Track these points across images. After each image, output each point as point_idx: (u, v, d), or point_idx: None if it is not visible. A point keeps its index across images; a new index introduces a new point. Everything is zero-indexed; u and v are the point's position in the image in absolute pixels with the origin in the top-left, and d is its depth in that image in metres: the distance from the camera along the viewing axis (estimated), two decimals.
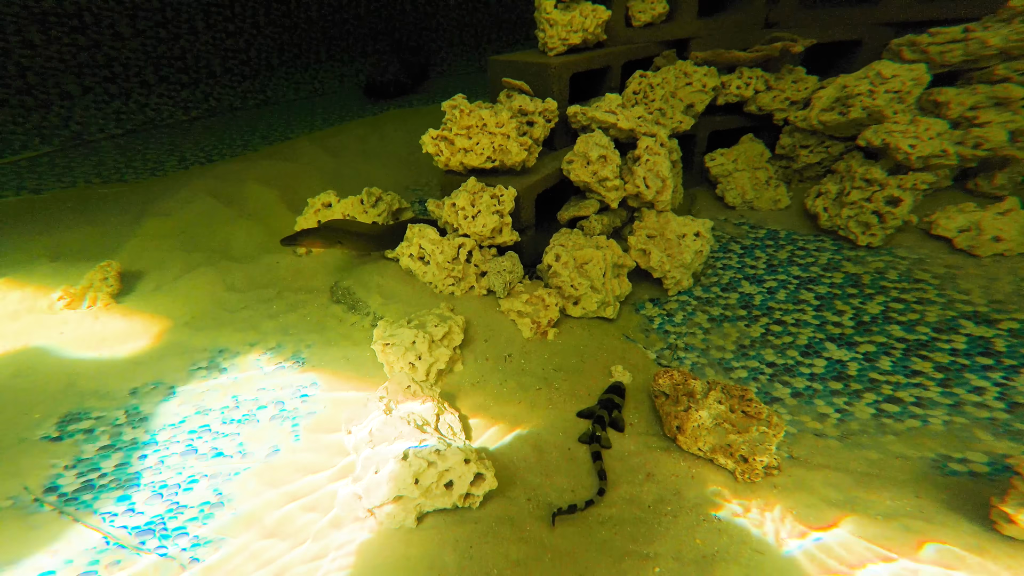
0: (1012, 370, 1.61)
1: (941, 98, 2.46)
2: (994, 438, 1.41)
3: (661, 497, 1.28)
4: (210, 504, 1.33)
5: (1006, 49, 2.39)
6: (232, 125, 5.12)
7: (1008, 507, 1.10)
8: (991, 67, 2.47)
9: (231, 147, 4.41)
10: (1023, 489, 1.10)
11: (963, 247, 2.20)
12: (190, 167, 3.96)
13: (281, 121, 5.17)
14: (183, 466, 1.46)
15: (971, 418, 1.48)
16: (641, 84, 2.63)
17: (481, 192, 2.04)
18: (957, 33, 2.47)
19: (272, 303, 2.23)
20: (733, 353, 1.80)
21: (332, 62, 6.38)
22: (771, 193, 2.75)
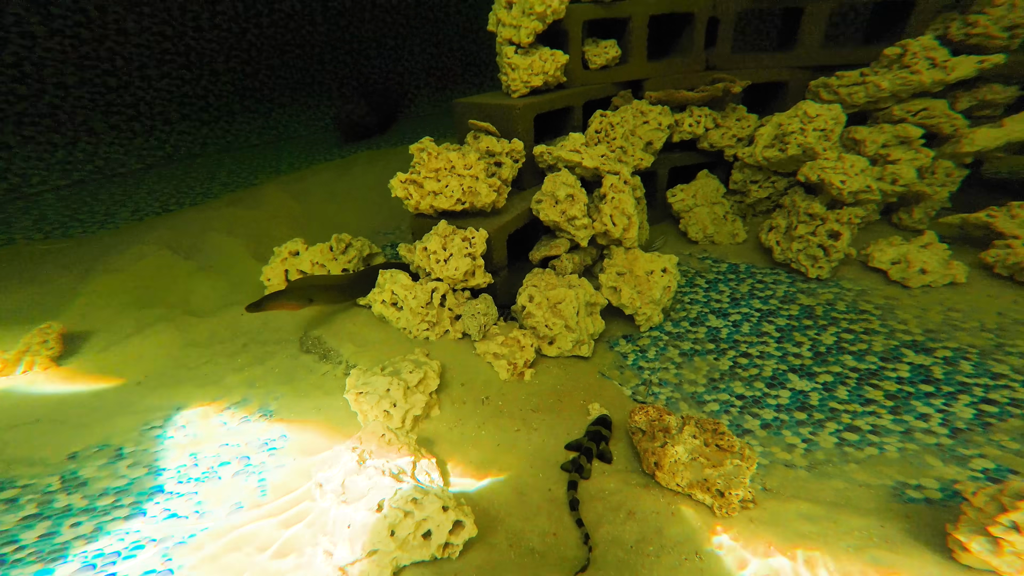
0: (951, 396, 1.73)
1: (858, 136, 2.70)
2: (943, 463, 1.49)
3: (643, 536, 1.30)
4: (156, 572, 1.26)
5: (895, 92, 2.68)
6: (191, 172, 5.06)
7: (961, 535, 1.14)
8: (889, 108, 2.75)
9: (190, 196, 4.34)
10: (972, 516, 1.16)
11: (897, 279, 2.37)
12: (144, 218, 3.86)
13: (244, 167, 5.15)
14: (126, 531, 1.38)
15: (921, 444, 1.56)
16: (602, 123, 2.79)
17: (452, 235, 2.09)
18: (856, 77, 2.75)
19: (237, 356, 2.18)
20: (704, 386, 1.87)
21: (297, 106, 6.47)
22: (729, 227, 2.91)
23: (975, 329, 2.04)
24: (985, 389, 1.74)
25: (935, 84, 2.61)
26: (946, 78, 2.58)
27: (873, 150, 2.66)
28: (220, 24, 5.52)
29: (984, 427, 1.60)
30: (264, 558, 1.28)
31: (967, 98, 2.80)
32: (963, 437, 1.57)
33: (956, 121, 2.64)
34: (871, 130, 2.68)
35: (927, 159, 2.60)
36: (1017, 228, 2.36)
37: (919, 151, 2.61)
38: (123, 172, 5.14)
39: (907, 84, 2.63)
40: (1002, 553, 1.08)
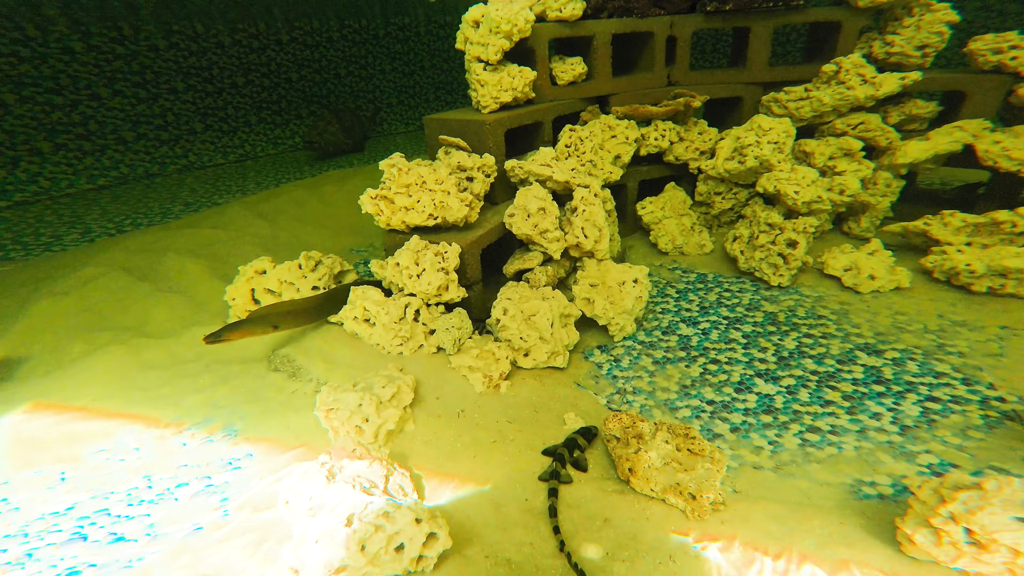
0: (900, 395, 1.84)
1: (808, 148, 2.89)
2: (893, 460, 1.58)
3: (619, 543, 1.32)
4: None
5: (836, 106, 2.89)
6: (148, 193, 4.94)
7: (907, 528, 1.20)
8: (832, 122, 2.96)
9: (147, 216, 4.23)
10: (917, 509, 1.22)
11: (849, 285, 2.51)
12: (96, 240, 3.74)
13: (207, 187, 5.07)
14: (60, 557, 1.32)
15: (874, 442, 1.65)
16: (571, 138, 2.89)
17: (425, 250, 2.12)
18: (801, 92, 2.96)
19: (199, 377, 2.13)
20: (676, 393, 1.93)
21: (263, 125, 6.43)
22: (696, 238, 3.04)
23: (919, 331, 2.17)
24: (929, 387, 1.86)
25: (868, 99, 2.82)
26: (875, 93, 2.80)
27: (821, 162, 2.84)
28: (178, 44, 5.47)
29: (929, 424, 1.70)
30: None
31: (896, 112, 3.03)
32: (911, 434, 1.67)
33: (890, 134, 2.85)
34: (819, 143, 2.87)
35: (868, 170, 2.79)
36: (950, 235, 2.54)
37: (861, 163, 2.80)
38: (71, 193, 4.98)
39: (844, 99, 2.84)
40: (941, 543, 1.14)
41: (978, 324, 2.18)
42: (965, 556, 1.13)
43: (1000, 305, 2.30)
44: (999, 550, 1.09)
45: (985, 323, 2.18)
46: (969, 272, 2.34)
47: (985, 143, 2.62)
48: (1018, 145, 2.55)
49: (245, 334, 2.04)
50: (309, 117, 6.75)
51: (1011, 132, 2.63)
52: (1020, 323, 2.16)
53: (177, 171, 5.74)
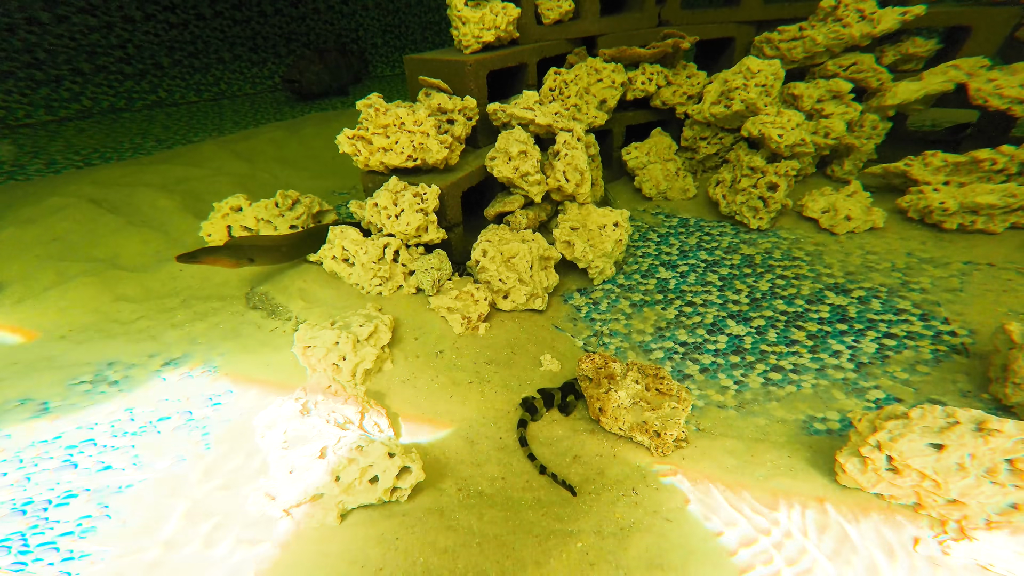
0: (860, 333, 1.84)
1: (796, 91, 2.75)
2: (845, 396, 1.59)
3: (586, 477, 1.34)
4: (91, 517, 1.23)
5: (830, 46, 2.73)
6: (116, 128, 4.64)
7: (841, 458, 1.23)
8: (823, 63, 2.81)
9: (116, 151, 3.98)
10: (855, 440, 1.24)
11: (826, 226, 2.47)
12: (61, 171, 3.52)
13: (181, 124, 4.76)
14: (56, 482, 1.33)
15: (831, 380, 1.66)
16: (556, 81, 2.72)
17: (403, 191, 2.02)
18: (795, 31, 2.78)
19: (175, 312, 2.07)
20: (651, 335, 1.92)
21: (239, 63, 5.96)
22: (681, 183, 2.95)
23: (887, 269, 2.16)
24: (888, 324, 1.86)
25: (863, 37, 2.67)
26: (872, 31, 2.64)
27: (809, 105, 2.72)
28: None
29: (883, 360, 1.71)
30: (207, 505, 1.25)
31: (892, 52, 2.88)
32: (865, 371, 1.68)
33: (882, 75, 2.72)
34: (807, 86, 2.74)
35: (856, 113, 2.68)
36: (930, 175, 2.49)
37: (849, 105, 2.69)
38: (31, 123, 4.65)
39: (839, 38, 2.68)
40: (866, 471, 1.18)
41: (944, 261, 2.17)
42: (883, 482, 1.17)
43: (968, 242, 2.28)
44: (911, 475, 1.12)
45: (951, 260, 2.17)
46: (942, 210, 2.30)
47: (978, 81, 2.51)
48: (1012, 83, 2.45)
49: (220, 261, 1.96)
50: (289, 56, 6.27)
51: (1008, 70, 2.51)
52: (983, 258, 2.15)
53: (146, 107, 5.36)
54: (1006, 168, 2.39)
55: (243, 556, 1.13)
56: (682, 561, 1.12)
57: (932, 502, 1.11)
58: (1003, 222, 2.26)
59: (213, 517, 1.22)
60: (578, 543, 1.16)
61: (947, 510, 1.09)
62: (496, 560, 1.12)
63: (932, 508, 1.12)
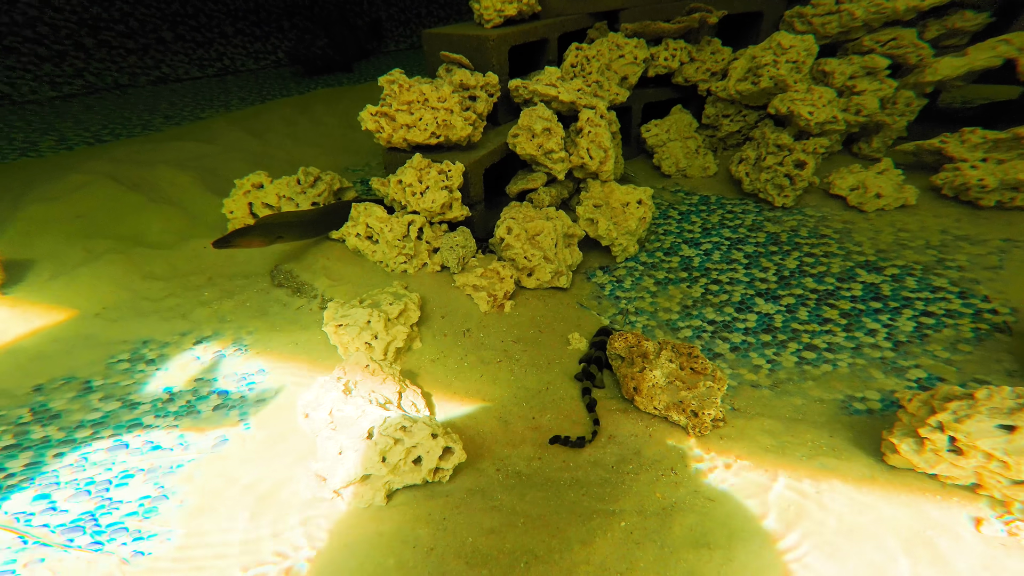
0: (896, 311, 1.78)
1: (827, 68, 2.62)
2: (884, 376, 1.55)
3: (623, 457, 1.31)
4: (151, 498, 1.21)
5: (868, 21, 2.59)
6: (123, 104, 4.49)
7: (894, 438, 1.19)
8: (859, 39, 2.67)
9: (127, 128, 3.86)
10: (906, 420, 1.20)
11: (854, 204, 2.39)
12: (75, 148, 3.41)
13: (187, 100, 4.61)
14: (112, 462, 1.31)
15: (868, 359, 1.61)
16: (578, 57, 2.60)
17: (428, 168, 1.94)
18: (831, 5, 2.63)
19: (203, 290, 2.02)
20: (678, 314, 1.87)
21: (241, 37, 5.71)
22: (701, 161, 2.85)
23: (921, 247, 2.09)
24: (925, 303, 1.81)
25: (908, 11, 2.52)
26: (920, 4, 2.50)
27: (841, 81, 2.60)
28: None
29: (922, 339, 1.66)
30: (257, 485, 1.23)
31: (936, 26, 2.73)
32: (903, 349, 1.63)
33: (923, 51, 2.59)
34: (840, 62, 2.61)
35: (890, 89, 2.56)
36: (967, 152, 2.39)
37: (884, 82, 2.57)
38: (35, 99, 4.50)
39: (881, 12, 2.54)
40: (924, 451, 1.14)
41: (981, 238, 2.10)
42: (944, 463, 1.13)
43: (1006, 219, 2.20)
44: (976, 456, 1.08)
45: (988, 237, 2.10)
46: (980, 187, 2.22)
47: None
48: None
49: (253, 242, 1.91)
50: (292, 31, 6.02)
51: None
52: (1023, 235, 2.08)
53: (151, 83, 5.17)
54: None
55: (300, 536, 1.11)
56: (727, 540, 1.09)
57: (996, 483, 1.07)
58: None
59: (265, 497, 1.20)
60: (622, 522, 1.14)
61: (1013, 491, 1.06)
62: (542, 539, 1.10)
63: (995, 489, 1.08)
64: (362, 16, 6.47)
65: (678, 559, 1.05)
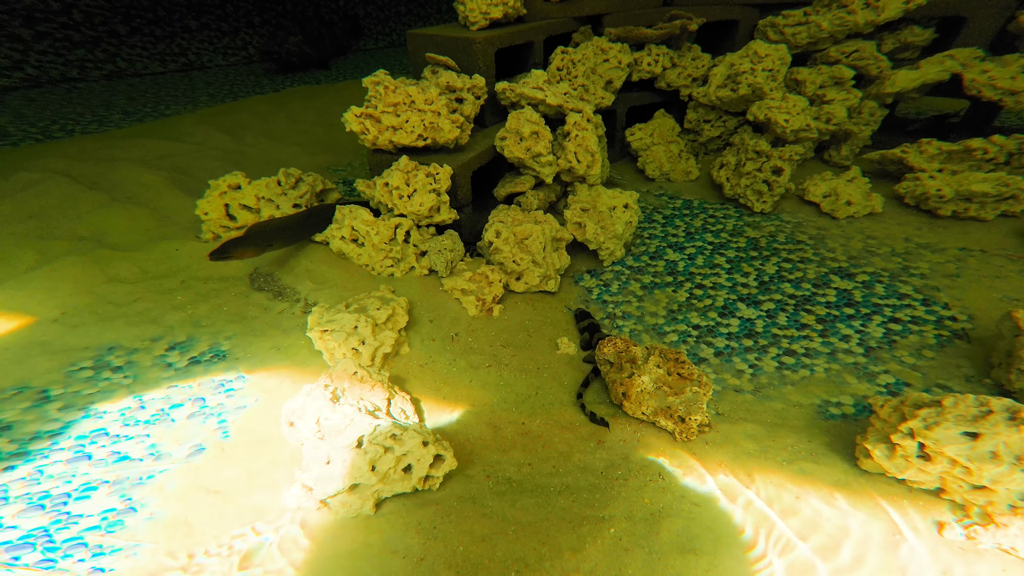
0: (867, 317, 1.85)
1: (800, 77, 2.73)
2: (857, 381, 1.60)
3: (612, 463, 1.32)
4: (116, 511, 1.17)
5: (833, 32, 2.71)
6: (73, 98, 4.30)
7: (868, 444, 1.22)
8: (826, 49, 2.78)
9: (79, 123, 3.69)
10: (879, 426, 1.25)
11: (827, 211, 2.48)
12: (20, 145, 3.24)
13: (148, 97, 4.45)
14: (72, 474, 1.26)
15: (842, 364, 1.67)
16: (564, 60, 2.62)
17: (415, 171, 1.92)
18: (800, 16, 2.74)
19: (175, 294, 1.95)
20: (664, 318, 1.90)
21: (207, 32, 5.52)
22: (683, 165, 2.91)
23: (887, 254, 2.18)
24: (893, 309, 1.88)
25: (867, 24, 2.64)
26: (876, 18, 2.61)
27: (812, 90, 2.69)
28: None
29: (890, 344, 1.73)
30: (237, 496, 1.19)
31: (892, 40, 2.86)
32: (874, 355, 1.69)
33: (882, 63, 2.71)
34: (811, 71, 2.71)
35: (856, 99, 2.67)
36: (925, 162, 2.51)
37: (850, 91, 2.68)
38: None
39: (843, 24, 2.65)
40: (895, 457, 1.18)
41: (940, 246, 2.21)
42: (913, 468, 1.17)
43: (961, 228, 2.31)
44: (942, 461, 1.13)
45: (946, 245, 2.21)
46: (938, 197, 2.33)
47: (973, 72, 2.52)
48: (1004, 74, 2.47)
49: (247, 253, 1.86)
50: (263, 26, 5.87)
51: (1000, 61, 2.53)
52: (976, 244, 2.19)
53: (104, 77, 4.96)
54: (995, 157, 2.42)
55: (284, 548, 1.08)
56: (713, 545, 1.11)
57: (958, 488, 1.12)
58: (994, 210, 2.30)
59: (245, 508, 1.17)
60: (611, 528, 1.15)
61: (973, 496, 1.11)
62: (533, 547, 1.10)
63: (957, 494, 1.14)
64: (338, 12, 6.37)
65: (666, 565, 1.07)
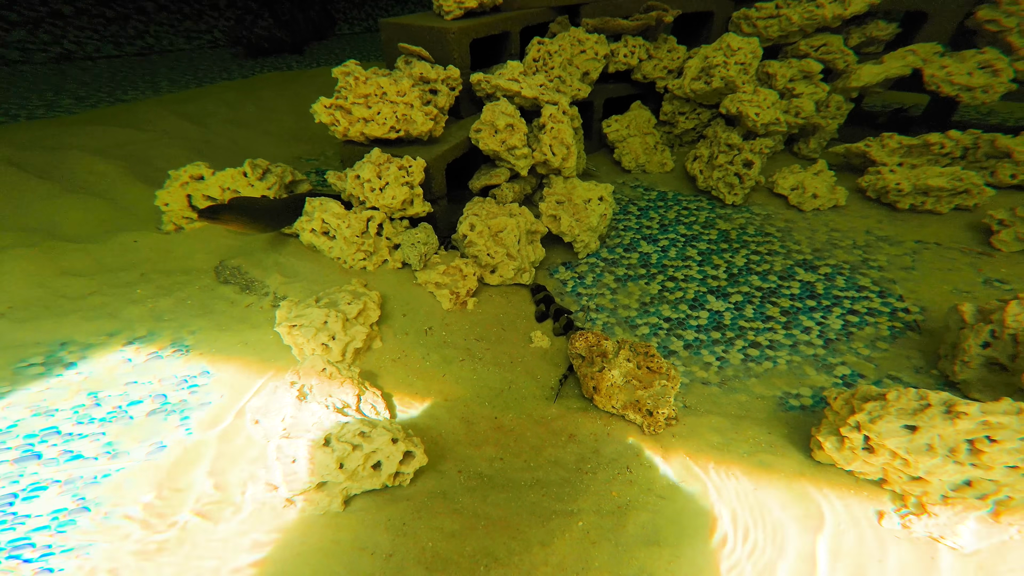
0: (827, 309, 1.90)
1: (771, 70, 2.75)
2: (816, 372, 1.64)
3: (582, 456, 1.33)
4: (68, 511, 1.13)
5: (803, 26, 2.75)
6: (17, 82, 4.06)
7: (820, 436, 1.25)
8: (796, 43, 2.83)
9: (25, 108, 3.49)
10: (831, 419, 1.28)
11: (795, 203, 2.53)
12: None
13: (103, 81, 4.22)
14: (19, 473, 1.21)
15: (803, 356, 1.70)
16: (540, 51, 2.59)
17: (388, 163, 1.88)
18: (772, 9, 2.77)
19: (135, 287, 1.87)
20: (636, 311, 1.91)
21: (166, 14, 5.24)
22: (659, 157, 2.93)
23: (849, 247, 2.24)
24: (852, 301, 1.93)
25: (835, 19, 2.70)
26: (843, 12, 2.67)
27: (782, 84, 2.73)
28: None
29: (847, 336, 1.77)
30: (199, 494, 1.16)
31: (858, 34, 2.92)
32: (832, 347, 1.74)
33: (848, 57, 2.77)
34: (781, 64, 2.74)
35: (823, 93, 2.72)
36: (887, 156, 2.58)
37: (818, 85, 2.72)
38: None
39: (813, 18, 2.69)
40: (843, 449, 1.21)
41: (898, 239, 2.27)
42: (858, 460, 1.21)
43: (918, 221, 2.39)
44: (884, 453, 1.17)
45: (903, 238, 2.28)
46: (897, 190, 2.40)
47: (933, 67, 2.58)
48: (961, 70, 2.53)
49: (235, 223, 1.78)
50: (229, 9, 5.61)
51: (958, 56, 2.59)
52: (932, 237, 2.27)
53: (51, 60, 4.69)
54: (951, 152, 2.50)
55: (248, 546, 1.06)
56: (676, 537, 1.13)
57: (898, 479, 1.17)
58: (949, 204, 2.39)
59: (209, 507, 1.13)
60: (579, 522, 1.16)
61: (910, 487, 1.15)
62: (503, 542, 1.11)
63: (896, 484, 1.18)
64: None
65: (631, 557, 1.09)
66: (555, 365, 1.65)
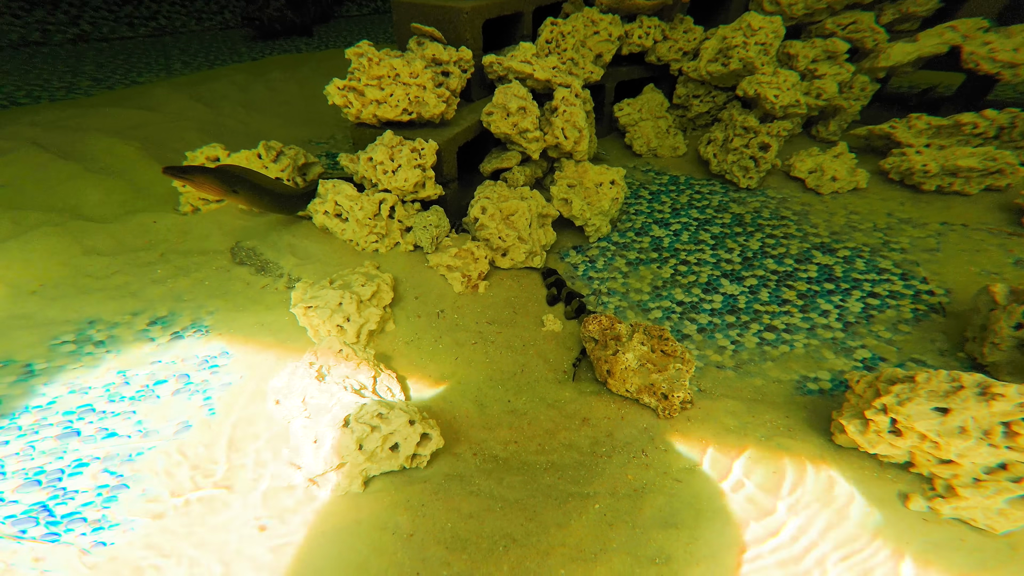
0: (846, 292, 1.85)
1: (792, 51, 2.64)
2: (835, 356, 1.60)
3: (596, 440, 1.32)
4: (109, 487, 1.15)
5: (831, 3, 2.62)
6: (38, 63, 4.04)
7: (843, 419, 1.22)
8: (822, 21, 2.69)
9: (47, 90, 3.48)
10: (854, 402, 1.25)
11: (812, 186, 2.45)
12: None
13: (118, 62, 4.19)
14: (63, 450, 1.23)
15: (821, 339, 1.66)
16: (553, 32, 2.51)
17: (400, 145, 1.84)
18: None
19: (155, 267, 1.87)
20: (649, 294, 1.88)
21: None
22: (671, 141, 2.85)
23: (869, 229, 2.18)
24: (872, 284, 1.88)
25: None
26: None
27: (804, 65, 2.62)
28: None
29: (868, 319, 1.73)
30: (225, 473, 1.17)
31: (892, 10, 2.77)
32: (852, 330, 1.69)
33: (878, 35, 2.63)
34: (804, 44, 2.63)
35: (848, 74, 2.61)
36: (913, 138, 2.48)
37: (843, 66, 2.61)
38: None
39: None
40: (868, 432, 1.18)
41: (921, 221, 2.20)
42: (884, 443, 1.18)
43: (944, 203, 2.31)
44: (912, 436, 1.14)
45: (928, 220, 2.21)
46: (923, 171, 2.31)
47: (973, 44, 2.44)
48: (1007, 46, 2.39)
49: (206, 185, 1.76)
50: None
51: (1003, 32, 2.44)
52: (958, 219, 2.19)
53: (69, 41, 4.66)
54: (984, 132, 2.39)
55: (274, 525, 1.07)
56: (694, 520, 1.12)
57: (926, 461, 1.14)
58: (979, 184, 2.29)
59: (235, 486, 1.14)
60: (595, 504, 1.15)
61: (939, 469, 1.13)
62: (520, 523, 1.11)
63: (925, 468, 1.16)
64: None
65: (648, 539, 1.08)
66: (567, 348, 1.63)
